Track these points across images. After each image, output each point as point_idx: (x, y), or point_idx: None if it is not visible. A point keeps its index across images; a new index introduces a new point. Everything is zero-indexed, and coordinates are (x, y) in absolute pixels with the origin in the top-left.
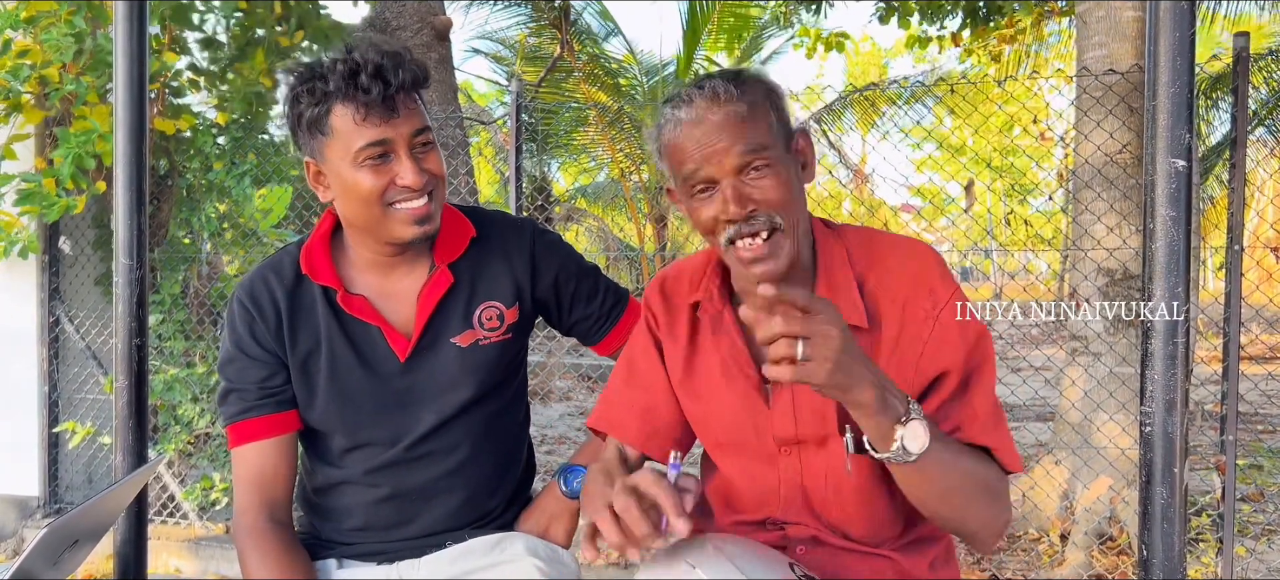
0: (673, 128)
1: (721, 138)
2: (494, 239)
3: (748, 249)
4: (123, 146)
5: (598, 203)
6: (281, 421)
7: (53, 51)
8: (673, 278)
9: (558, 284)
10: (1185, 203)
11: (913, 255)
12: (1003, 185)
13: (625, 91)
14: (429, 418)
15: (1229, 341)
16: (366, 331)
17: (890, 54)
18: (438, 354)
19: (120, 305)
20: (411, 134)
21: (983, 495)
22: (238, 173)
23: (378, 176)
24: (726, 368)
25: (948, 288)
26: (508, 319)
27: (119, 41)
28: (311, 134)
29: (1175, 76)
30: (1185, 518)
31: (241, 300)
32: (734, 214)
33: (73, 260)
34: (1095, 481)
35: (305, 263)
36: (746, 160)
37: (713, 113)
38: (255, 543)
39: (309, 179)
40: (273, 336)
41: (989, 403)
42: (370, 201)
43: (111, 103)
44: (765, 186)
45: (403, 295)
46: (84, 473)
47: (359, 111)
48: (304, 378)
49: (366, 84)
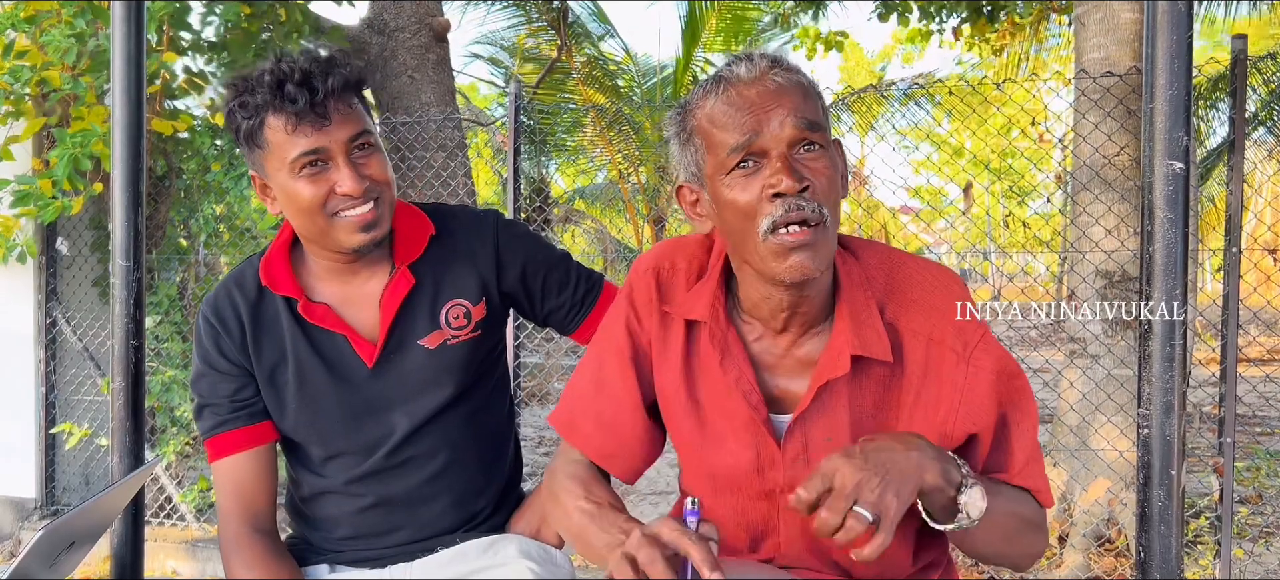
0: (715, 97)
1: (780, 104)
2: (456, 235)
3: (793, 234)
4: (120, 147)
5: (596, 204)
6: (257, 433)
7: (54, 53)
8: (668, 269)
9: (526, 275)
10: (1183, 205)
11: (937, 287)
12: (1001, 187)
13: (624, 93)
14: (403, 423)
15: (1227, 344)
16: (332, 340)
17: (881, 56)
18: (405, 357)
19: (117, 306)
20: (347, 140)
21: (1026, 532)
22: (236, 174)
23: (316, 186)
24: (732, 401)
25: (976, 327)
26: (475, 316)
27: (117, 42)
28: (250, 148)
29: (1173, 78)
30: (1183, 520)
31: (206, 316)
32: (788, 186)
33: (70, 262)
34: (1093, 484)
35: (265, 275)
36: (804, 134)
37: (772, 76)
38: (239, 553)
39: (257, 192)
40: (238, 350)
41: (1027, 445)
42: (312, 212)
43: (109, 104)
44: (819, 170)
45: (365, 301)
46: (81, 474)
47: (289, 122)
48: (272, 390)
49: (293, 93)
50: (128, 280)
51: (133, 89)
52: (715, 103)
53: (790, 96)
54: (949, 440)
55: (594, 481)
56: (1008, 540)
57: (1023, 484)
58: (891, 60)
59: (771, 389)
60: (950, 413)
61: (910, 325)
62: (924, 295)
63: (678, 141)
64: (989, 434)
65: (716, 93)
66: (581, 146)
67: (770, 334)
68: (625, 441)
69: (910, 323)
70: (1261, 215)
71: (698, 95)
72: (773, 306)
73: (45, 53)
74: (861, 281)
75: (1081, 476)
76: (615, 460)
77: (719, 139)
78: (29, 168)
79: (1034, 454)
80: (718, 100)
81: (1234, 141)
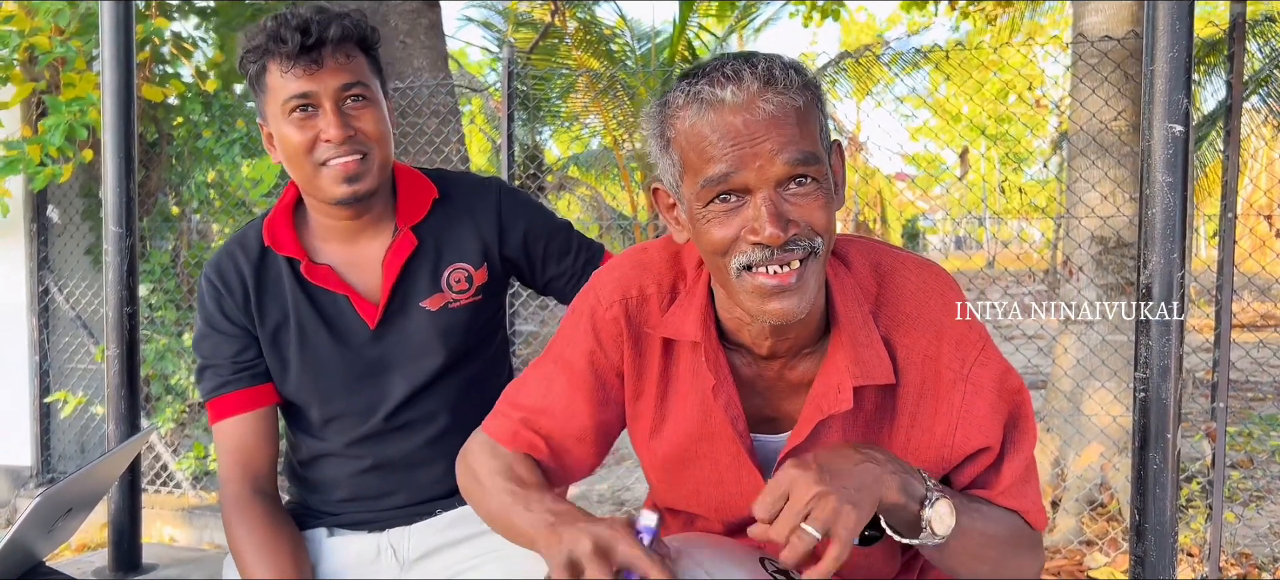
0: (698, 110)
1: (770, 136)
2: (458, 199)
3: (774, 275)
4: (110, 114)
5: (590, 172)
6: (259, 394)
7: (44, 15)
8: (637, 300)
9: (527, 242)
10: (1182, 168)
11: (931, 295)
12: (997, 153)
13: (618, 58)
14: (402, 386)
15: (1221, 309)
16: (334, 301)
17: (890, 22)
18: (407, 319)
19: (110, 273)
20: (338, 88)
21: (1011, 553)
22: (227, 141)
23: (303, 131)
24: (717, 427)
25: (975, 337)
26: (477, 280)
27: (105, 7)
28: (256, 93)
29: (1173, 40)
30: (1178, 483)
31: (208, 277)
32: (771, 235)
33: (61, 230)
34: (1086, 449)
35: (268, 235)
36: (794, 172)
37: (762, 103)
38: (240, 515)
39: (264, 142)
40: (241, 311)
41: (1021, 467)
42: (298, 157)
43: (98, 71)
44: (810, 208)
45: (367, 262)
46: (76, 442)
47: (284, 64)
48: (275, 351)
49: (286, 36)
50: (120, 246)
51: (122, 55)
52: (695, 121)
53: (782, 128)
54: (947, 461)
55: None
56: (987, 561)
57: (1009, 505)
58: (901, 26)
59: (760, 410)
60: (948, 433)
61: (905, 341)
62: (918, 308)
63: (656, 143)
64: (993, 452)
65: (696, 110)
66: (575, 113)
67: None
68: (562, 462)
69: (905, 339)
70: (1257, 180)
71: (678, 101)
72: (755, 333)
73: (34, 17)
74: (855, 294)
75: (1075, 442)
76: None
77: (697, 166)
78: (17, 133)
79: (1026, 474)
80: (699, 120)
81: (1231, 106)
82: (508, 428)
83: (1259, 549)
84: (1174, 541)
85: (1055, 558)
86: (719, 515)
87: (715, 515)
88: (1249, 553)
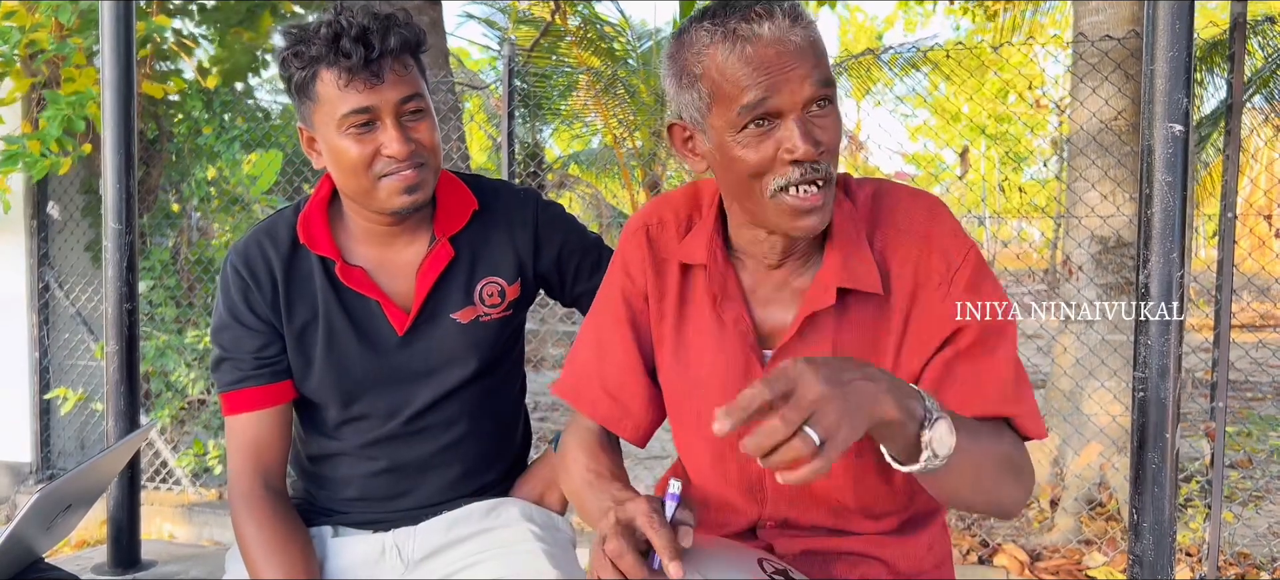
0: (733, 44)
1: (800, 64)
2: (497, 212)
3: (806, 197)
4: (110, 109)
5: (591, 170)
6: (277, 391)
7: (45, 11)
8: (656, 225)
9: (561, 258)
10: (1182, 168)
11: (922, 209)
12: (997, 152)
13: (619, 56)
14: (426, 393)
15: (1221, 309)
16: (365, 304)
17: (888, 23)
18: (437, 329)
19: (110, 269)
20: (398, 101)
21: (1007, 474)
22: (227, 138)
23: (362, 145)
24: (728, 341)
25: (961, 246)
26: (509, 295)
27: (105, 5)
28: (301, 99)
29: (1173, 40)
30: (1176, 482)
31: (235, 266)
32: (806, 152)
33: (61, 226)
34: (1086, 448)
35: (303, 232)
36: (819, 94)
37: (794, 34)
38: (250, 511)
39: (303, 145)
40: (268, 306)
41: (1011, 366)
42: (356, 171)
43: (98, 66)
44: (829, 128)
45: (402, 268)
46: (76, 439)
47: (342, 77)
48: (300, 349)
49: (348, 49)
50: (120, 243)
51: (122, 51)
52: (729, 55)
53: (807, 56)
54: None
55: (601, 449)
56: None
57: (1008, 412)
58: (895, 26)
59: (765, 324)
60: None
61: (897, 252)
62: (907, 220)
63: (675, 80)
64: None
65: (732, 45)
66: (576, 111)
67: (764, 269)
68: (630, 404)
69: (897, 251)
70: (1256, 180)
71: (705, 39)
72: (767, 248)
73: (35, 13)
74: (852, 216)
75: (1074, 441)
76: (623, 423)
77: (733, 96)
78: (18, 129)
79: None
80: (733, 54)
81: (1232, 106)
82: (571, 384)
83: (1258, 549)
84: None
85: (1054, 557)
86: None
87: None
88: (1248, 552)
